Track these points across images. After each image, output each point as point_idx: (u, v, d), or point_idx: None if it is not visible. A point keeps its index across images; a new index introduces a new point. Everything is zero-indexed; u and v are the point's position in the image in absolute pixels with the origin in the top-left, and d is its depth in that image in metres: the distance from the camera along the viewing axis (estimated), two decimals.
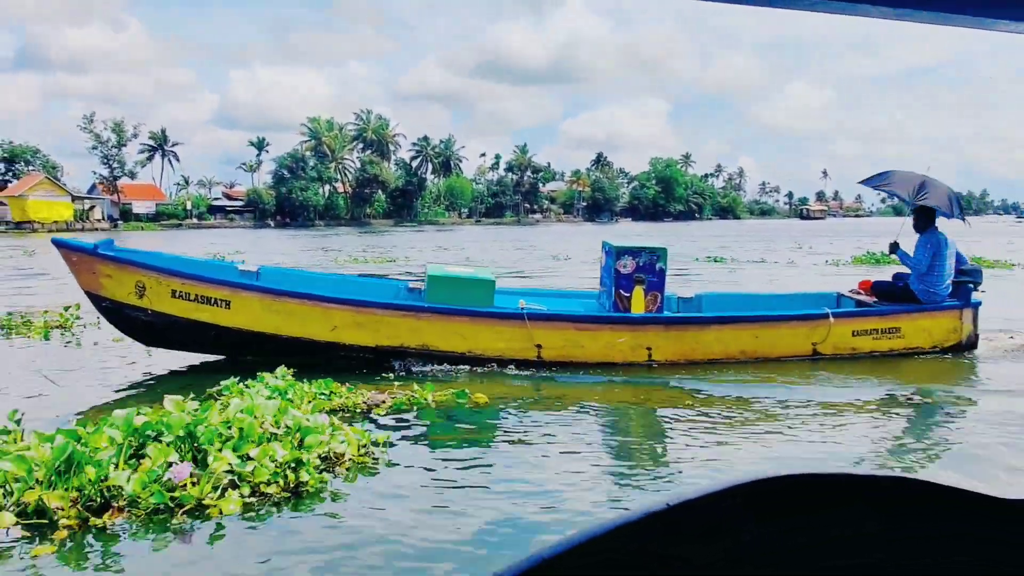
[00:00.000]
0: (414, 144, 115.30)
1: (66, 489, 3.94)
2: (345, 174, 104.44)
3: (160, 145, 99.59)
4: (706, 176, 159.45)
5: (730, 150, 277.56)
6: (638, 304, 8.61)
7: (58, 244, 8.55)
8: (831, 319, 8.63)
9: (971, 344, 8.96)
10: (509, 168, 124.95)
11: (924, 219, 8.87)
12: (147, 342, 8.77)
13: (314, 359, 8.04)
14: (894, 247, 9.07)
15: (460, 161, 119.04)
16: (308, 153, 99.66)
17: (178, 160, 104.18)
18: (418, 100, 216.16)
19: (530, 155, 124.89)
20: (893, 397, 7.15)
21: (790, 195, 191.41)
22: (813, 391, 7.32)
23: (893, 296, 9.09)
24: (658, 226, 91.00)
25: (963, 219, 8.93)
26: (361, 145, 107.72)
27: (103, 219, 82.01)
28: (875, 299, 9.25)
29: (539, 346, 8.35)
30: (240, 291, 8.32)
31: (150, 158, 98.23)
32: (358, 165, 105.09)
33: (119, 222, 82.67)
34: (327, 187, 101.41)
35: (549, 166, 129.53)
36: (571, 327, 8.46)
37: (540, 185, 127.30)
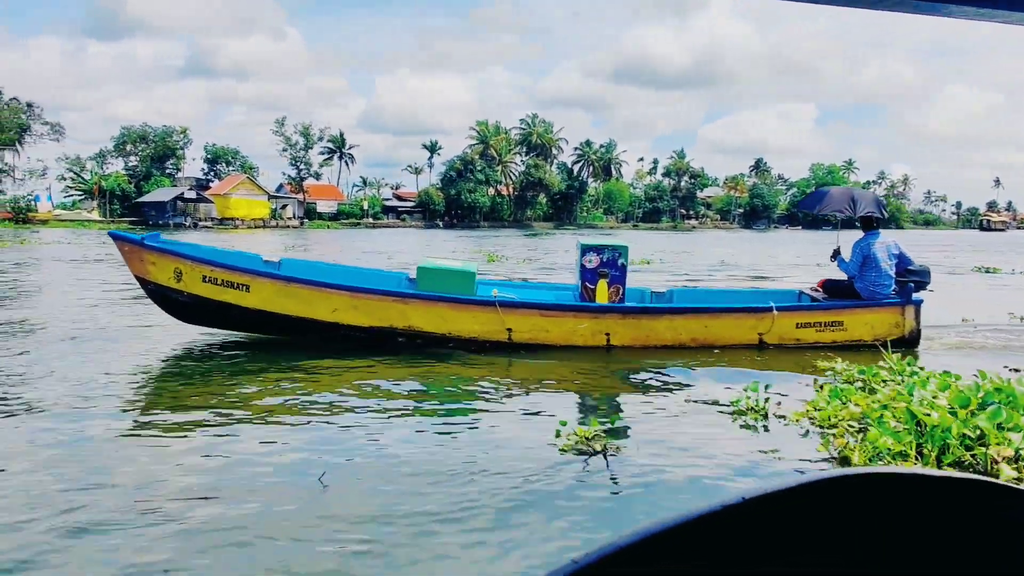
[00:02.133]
0: (576, 148, 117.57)
1: None
2: (509, 177, 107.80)
3: (339, 148, 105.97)
4: (868, 184, 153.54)
5: (882, 156, 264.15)
6: (602, 295, 9.62)
7: (113, 236, 10.09)
8: (774, 312, 9.37)
9: (914, 339, 9.55)
10: (666, 173, 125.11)
11: (864, 226, 9.72)
12: (183, 319, 9.95)
13: (316, 338, 9.27)
14: (835, 254, 9.93)
15: (621, 165, 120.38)
16: (476, 156, 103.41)
17: (354, 162, 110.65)
18: (557, 105, 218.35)
19: (688, 160, 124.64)
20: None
21: (958, 205, 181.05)
22: (752, 374, 7.86)
23: (840, 293, 9.87)
24: (816, 235, 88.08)
25: (883, 216, 9.86)
26: (524, 149, 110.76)
27: (293, 217, 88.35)
28: (824, 295, 10.05)
29: (510, 330, 9.36)
30: (258, 277, 9.52)
31: (328, 160, 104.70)
32: (522, 168, 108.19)
33: (304, 220, 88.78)
34: (491, 190, 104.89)
35: (703, 171, 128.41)
36: (537, 314, 9.46)
37: (697, 191, 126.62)
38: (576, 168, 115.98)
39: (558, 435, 5.35)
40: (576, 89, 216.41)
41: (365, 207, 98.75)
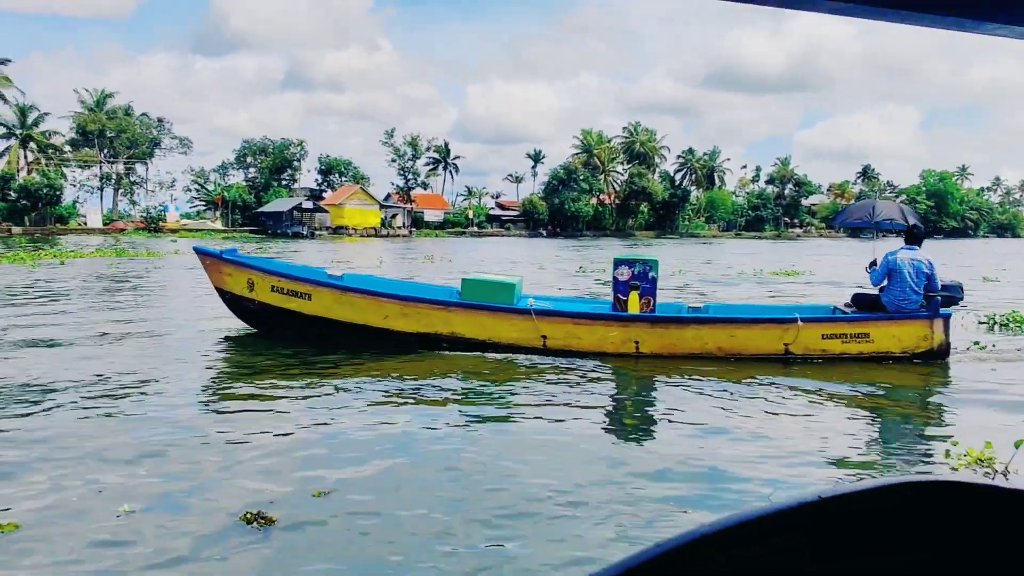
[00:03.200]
0: (679, 156, 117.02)
1: None
2: (612, 186, 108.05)
3: (443, 158, 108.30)
4: (981, 191, 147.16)
5: (994, 161, 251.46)
6: (633, 306, 10.17)
7: (197, 250, 11.47)
8: (799, 323, 9.63)
9: (943, 352, 9.63)
10: (770, 180, 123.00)
11: (906, 238, 9.86)
12: (254, 325, 11.22)
13: (371, 342, 10.12)
14: (872, 264, 10.02)
15: (724, 173, 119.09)
16: (579, 165, 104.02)
17: (458, 172, 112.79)
18: (647, 111, 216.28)
19: (792, 167, 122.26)
20: (861, 392, 8.11)
21: None
22: (780, 381, 8.43)
23: (868, 306, 9.93)
24: (929, 244, 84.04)
25: (906, 224, 10.08)
26: (627, 157, 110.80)
27: (403, 226, 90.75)
28: (853, 309, 10.13)
29: (544, 337, 10.02)
30: (318, 287, 10.60)
31: (434, 170, 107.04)
32: (625, 177, 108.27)
33: (412, 229, 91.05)
34: (593, 198, 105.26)
35: (806, 177, 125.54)
36: (570, 322, 10.07)
37: (802, 198, 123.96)
38: (678, 176, 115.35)
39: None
40: (666, 95, 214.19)
41: (470, 216, 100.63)
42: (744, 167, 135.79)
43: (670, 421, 7.01)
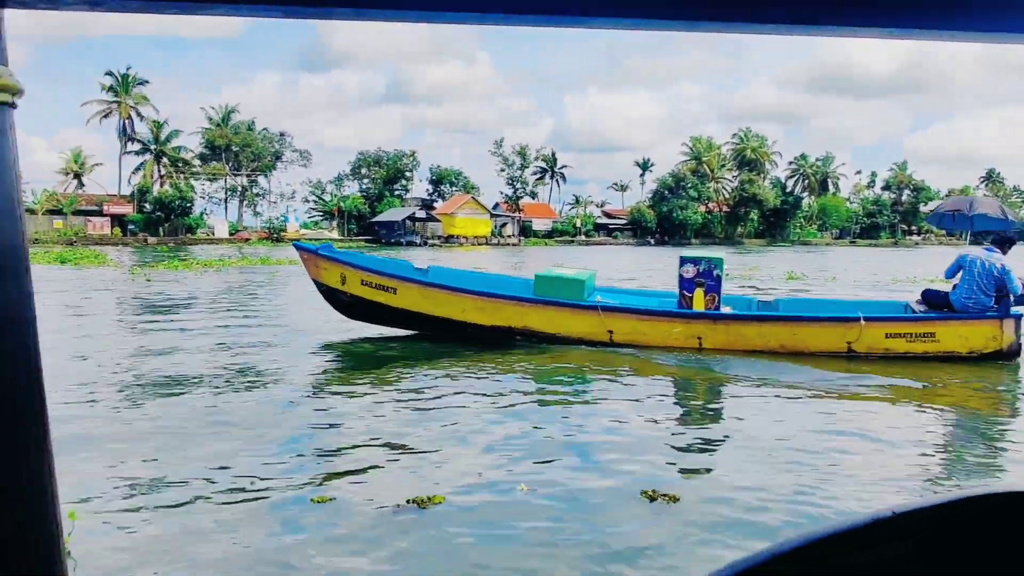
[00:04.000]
0: (791, 162, 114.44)
1: None
2: (721, 193, 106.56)
3: (550, 167, 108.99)
4: None
5: None
6: (698, 302, 10.49)
7: (296, 246, 12.48)
8: (862, 321, 9.64)
9: (1013, 352, 9.44)
10: (886, 186, 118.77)
11: (992, 240, 9.88)
12: (347, 315, 11.97)
13: (449, 334, 10.95)
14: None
15: (838, 179, 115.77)
16: (688, 172, 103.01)
17: (565, 181, 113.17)
18: (749, 119, 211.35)
19: (910, 172, 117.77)
20: (923, 391, 8.03)
21: None
22: (842, 379, 8.37)
23: (936, 305, 9.83)
24: None
25: (1005, 220, 10.25)
26: (736, 164, 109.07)
27: (512, 235, 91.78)
28: (924, 306, 10.03)
29: (611, 331, 10.51)
30: (403, 281, 11.33)
31: (540, 179, 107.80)
32: (735, 184, 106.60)
33: (521, 238, 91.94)
34: (701, 206, 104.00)
35: (925, 183, 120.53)
36: (635, 318, 10.53)
37: (920, 204, 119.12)
38: (790, 183, 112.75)
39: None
40: (768, 101, 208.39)
41: (578, 225, 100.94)
42: (858, 172, 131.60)
43: (730, 419, 7.20)
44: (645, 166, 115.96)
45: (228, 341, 11.47)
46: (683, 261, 10.70)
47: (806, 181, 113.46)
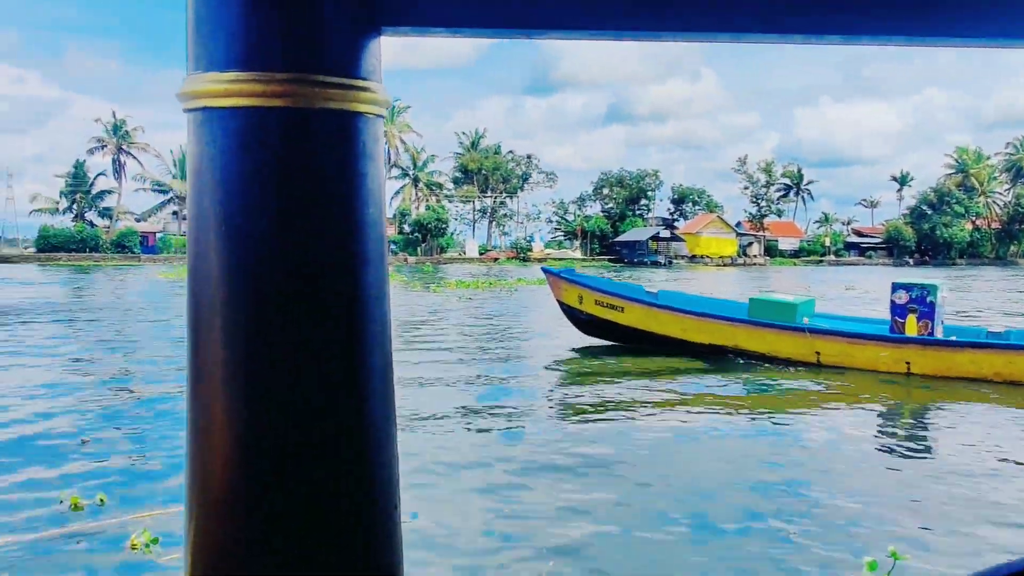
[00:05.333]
0: None
1: None
2: (991, 208, 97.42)
3: (796, 184, 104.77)
4: None
5: None
6: (911, 328, 10.62)
7: (543, 270, 14.95)
8: None
9: None
10: None
11: None
12: (584, 332, 13.66)
13: (667, 350, 11.96)
14: None
15: None
16: (952, 187, 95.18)
17: (812, 198, 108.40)
18: (1003, 126, 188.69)
19: None
20: None
21: None
22: None
23: None
24: None
25: None
26: (1010, 176, 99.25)
27: (758, 255, 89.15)
28: None
29: (818, 353, 11.13)
30: (629, 301, 12.85)
31: (785, 196, 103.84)
32: (1008, 199, 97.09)
33: (767, 258, 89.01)
34: (968, 223, 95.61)
35: None
36: (843, 341, 11.08)
37: None
38: None
39: None
40: None
41: (827, 244, 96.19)
42: None
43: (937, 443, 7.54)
44: (904, 180, 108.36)
45: None
46: (895, 287, 10.98)
47: None
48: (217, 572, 0.70)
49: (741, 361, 11.70)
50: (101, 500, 5.48)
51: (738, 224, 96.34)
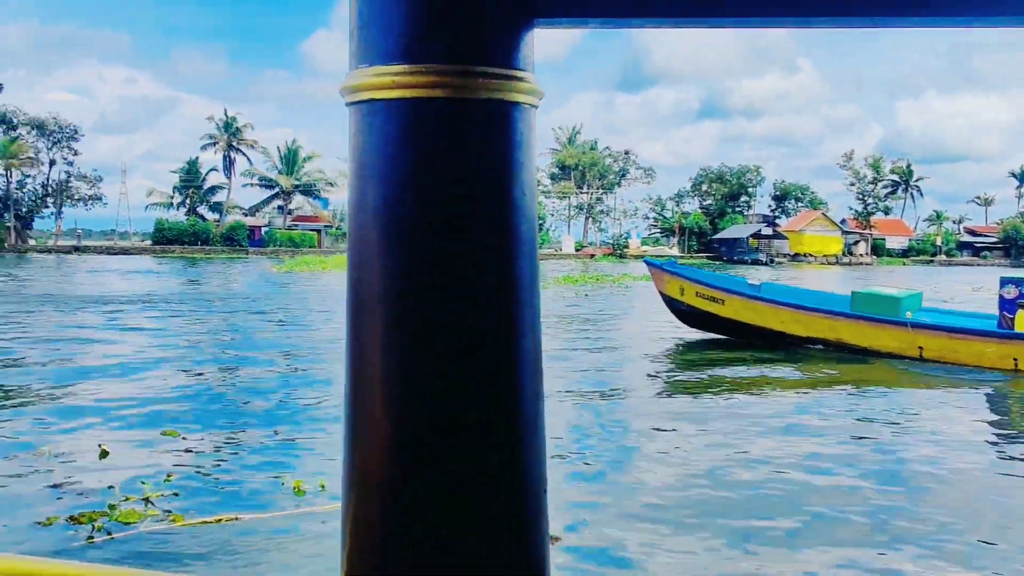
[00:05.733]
0: None
1: None
2: None
3: (904, 180, 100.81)
4: None
5: None
6: (1020, 324, 10.31)
7: (646, 262, 15.11)
8: None
9: None
10: None
11: None
12: (684, 323, 14.01)
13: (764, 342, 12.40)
14: None
15: None
16: None
17: (921, 195, 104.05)
18: None
19: None
20: None
21: None
22: None
23: None
24: None
25: None
26: None
27: (865, 254, 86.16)
28: None
29: (921, 347, 11.03)
30: (729, 294, 13.06)
31: (892, 192, 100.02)
32: None
33: (874, 258, 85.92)
34: None
35: None
36: (946, 336, 10.91)
37: None
38: None
39: None
40: None
41: (938, 243, 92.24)
42: None
43: None
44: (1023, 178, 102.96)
45: None
46: (1003, 282, 10.84)
47: None
48: (372, 559, 0.72)
49: (839, 353, 11.89)
50: (322, 485, 5.55)
51: (842, 221, 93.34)
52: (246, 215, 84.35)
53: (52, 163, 78.51)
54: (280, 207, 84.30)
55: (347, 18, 0.74)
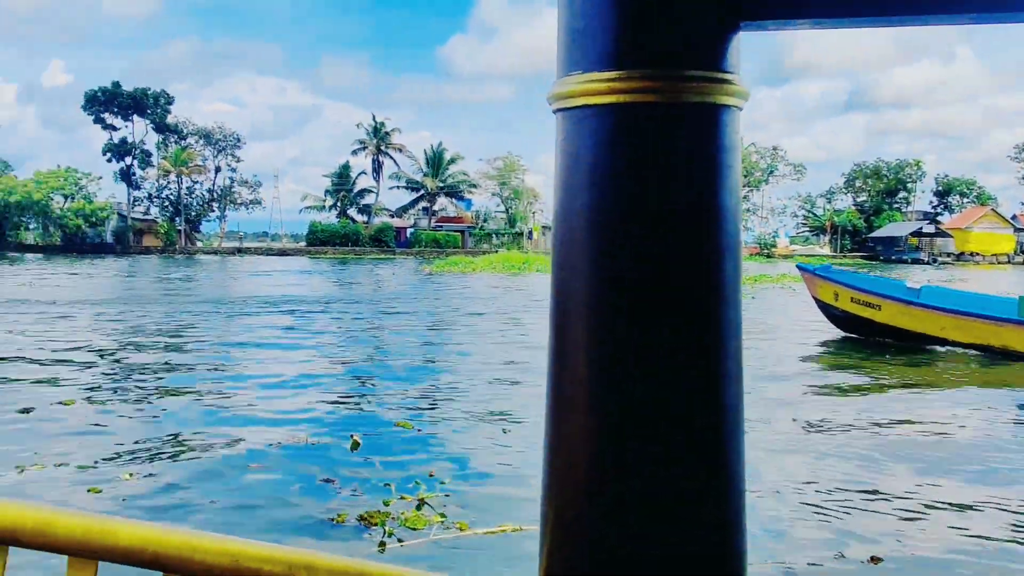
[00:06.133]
0: None
1: None
2: None
3: None
4: None
5: None
6: None
7: (798, 267, 15.35)
8: None
9: None
10: None
11: None
12: (838, 327, 14.07)
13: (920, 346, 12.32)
14: None
15: None
16: None
17: None
18: None
19: None
20: None
21: None
22: None
23: None
24: None
25: None
26: None
27: None
28: None
29: None
30: (887, 299, 12.97)
31: None
32: None
33: None
34: None
35: None
36: None
37: None
38: None
39: None
40: None
41: None
42: None
43: None
44: None
45: None
46: None
47: None
48: (571, 559, 0.72)
49: (1005, 357, 11.55)
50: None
51: (1013, 218, 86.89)
52: (393, 217, 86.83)
53: (218, 170, 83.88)
54: (425, 208, 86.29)
55: (483, 23, 0.77)
